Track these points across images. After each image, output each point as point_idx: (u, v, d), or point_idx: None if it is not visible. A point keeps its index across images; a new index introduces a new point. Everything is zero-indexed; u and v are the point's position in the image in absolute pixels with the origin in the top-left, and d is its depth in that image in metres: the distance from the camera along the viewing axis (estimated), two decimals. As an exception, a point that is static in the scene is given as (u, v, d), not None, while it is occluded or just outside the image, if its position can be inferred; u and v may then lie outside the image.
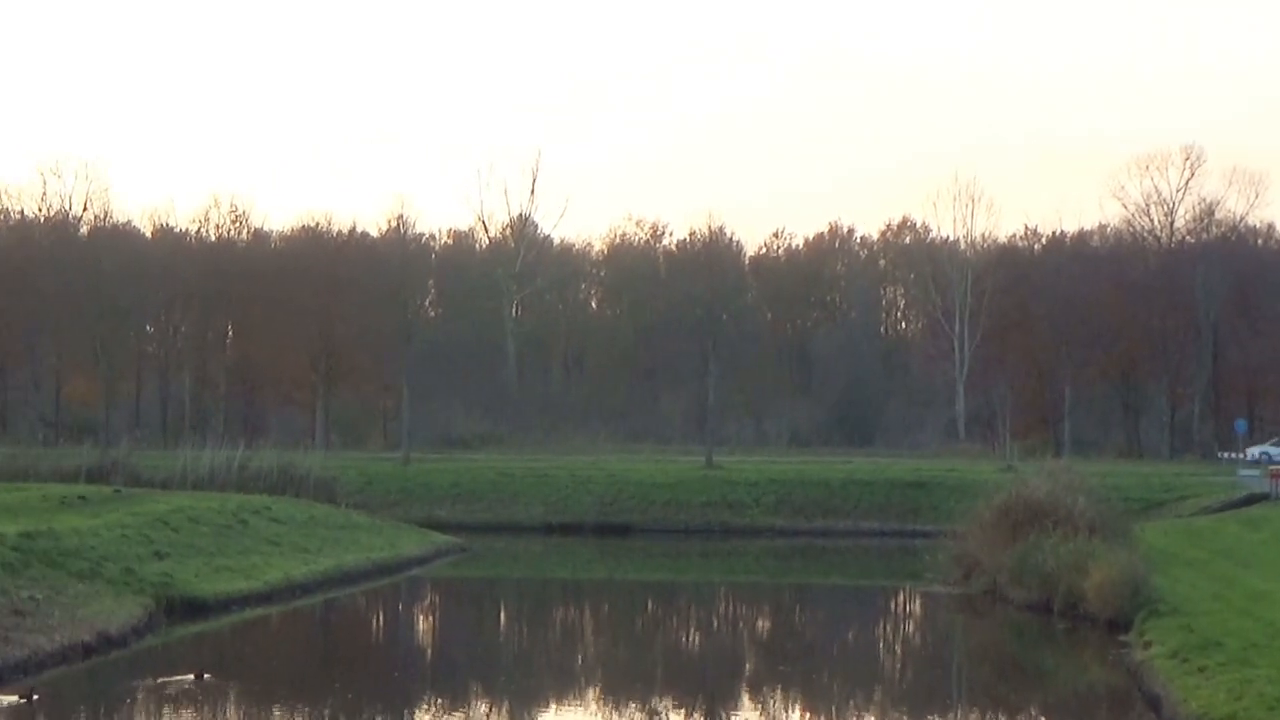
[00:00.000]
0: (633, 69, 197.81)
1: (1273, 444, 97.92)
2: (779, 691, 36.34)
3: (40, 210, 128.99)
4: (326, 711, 32.38)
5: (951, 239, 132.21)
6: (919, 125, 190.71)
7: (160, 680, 33.70)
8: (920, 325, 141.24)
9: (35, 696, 31.02)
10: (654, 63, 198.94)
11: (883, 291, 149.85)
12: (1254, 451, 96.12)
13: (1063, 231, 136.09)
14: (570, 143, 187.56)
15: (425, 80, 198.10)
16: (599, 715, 33.18)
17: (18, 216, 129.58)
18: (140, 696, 32.56)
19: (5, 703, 30.56)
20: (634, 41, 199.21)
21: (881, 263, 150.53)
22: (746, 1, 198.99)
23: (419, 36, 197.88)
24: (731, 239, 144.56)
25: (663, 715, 33.21)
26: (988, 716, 34.64)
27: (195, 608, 43.65)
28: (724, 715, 33.49)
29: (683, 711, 33.89)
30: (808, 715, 34.03)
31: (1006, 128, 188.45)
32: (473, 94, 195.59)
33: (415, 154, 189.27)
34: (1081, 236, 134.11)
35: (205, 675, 34.15)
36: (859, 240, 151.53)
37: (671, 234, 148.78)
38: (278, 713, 32.38)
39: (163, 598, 42.48)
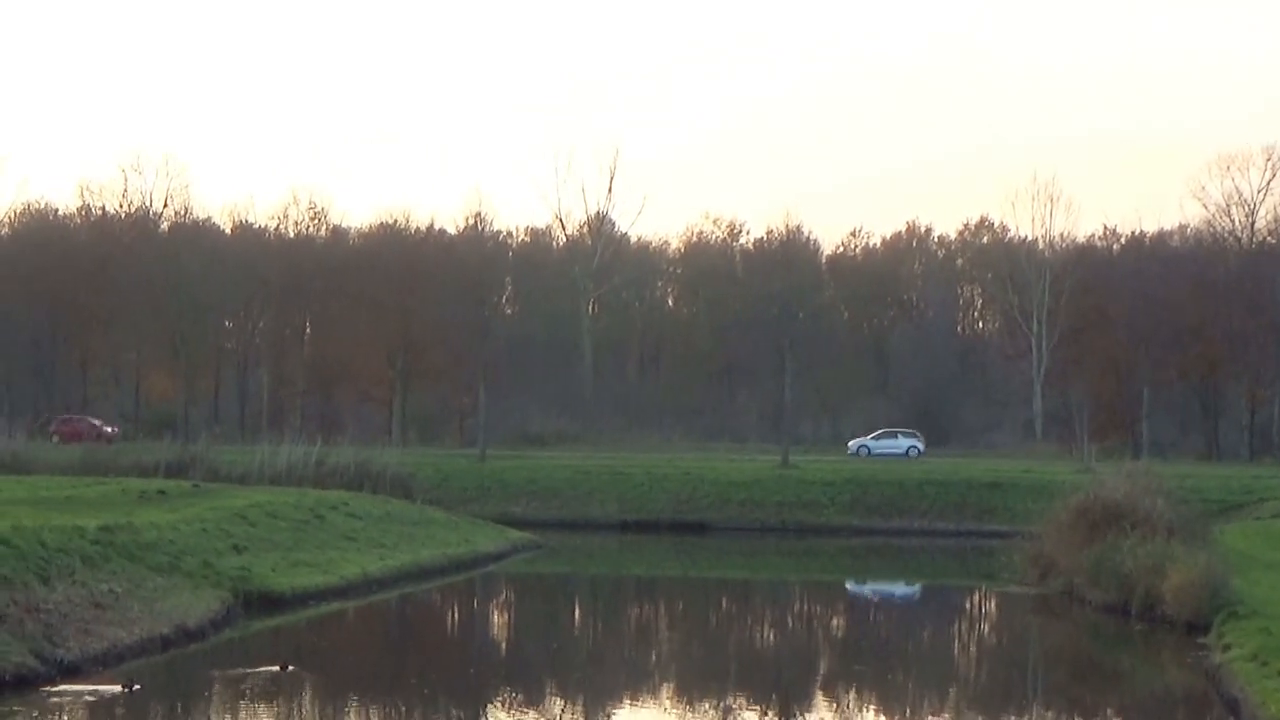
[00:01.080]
0: (709, 64, 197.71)
1: None
2: (853, 691, 36.28)
3: (121, 206, 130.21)
4: (404, 705, 32.51)
5: (1030, 239, 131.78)
6: (997, 124, 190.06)
7: (247, 671, 34.02)
8: (997, 325, 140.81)
9: (137, 687, 31.36)
10: (731, 58, 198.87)
11: (960, 291, 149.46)
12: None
13: (1142, 231, 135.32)
14: (649, 140, 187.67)
15: (503, 76, 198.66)
16: (673, 712, 33.17)
17: (99, 212, 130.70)
18: (231, 687, 32.81)
19: (108, 693, 30.94)
20: (711, 36, 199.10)
21: (959, 262, 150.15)
22: None
23: (497, 32, 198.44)
24: (809, 238, 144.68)
25: (737, 713, 33.19)
26: (1064, 718, 34.50)
27: (272, 602, 43.85)
28: (798, 713, 33.45)
29: (757, 709, 33.86)
30: (882, 715, 33.95)
31: (1086, 127, 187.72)
32: (551, 90, 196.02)
33: (493, 151, 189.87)
34: (1161, 237, 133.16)
35: (289, 667, 34.50)
36: (936, 239, 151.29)
37: (749, 232, 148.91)
38: (359, 705, 32.58)
39: (240, 592, 42.73)
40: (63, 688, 30.98)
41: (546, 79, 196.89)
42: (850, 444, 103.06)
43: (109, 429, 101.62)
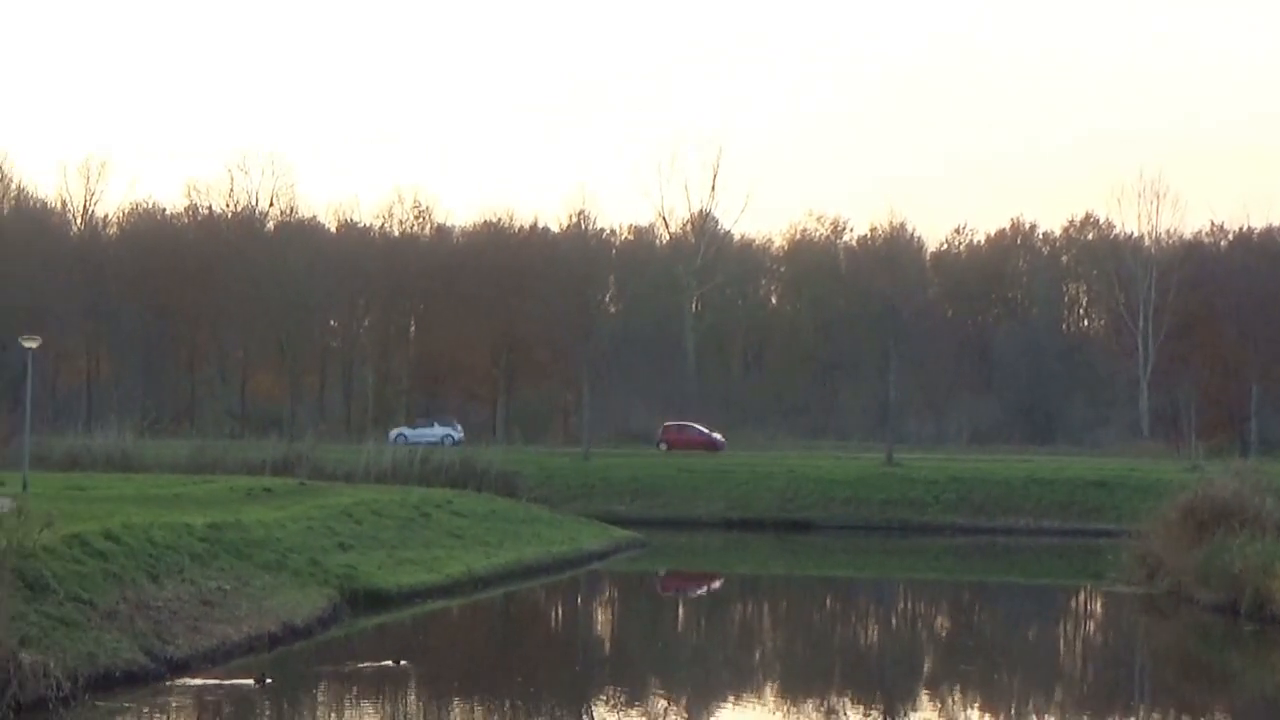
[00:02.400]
0: (814, 60, 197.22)
1: None
2: (958, 690, 36.10)
3: (228, 206, 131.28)
4: (510, 701, 32.66)
5: (1136, 235, 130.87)
6: (1103, 120, 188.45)
7: (360, 666, 34.35)
8: (1103, 323, 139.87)
9: (269, 680, 31.76)
10: (837, 53, 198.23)
11: (1065, 288, 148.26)
12: None
13: (1250, 227, 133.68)
14: (752, 138, 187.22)
15: (607, 74, 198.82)
16: (777, 711, 33.14)
17: (206, 212, 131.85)
18: (347, 682, 33.05)
19: (243, 687, 31.45)
20: (814, 31, 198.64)
21: (1064, 259, 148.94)
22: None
23: (599, 30, 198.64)
24: (912, 235, 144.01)
25: (840, 712, 33.11)
26: (1172, 718, 34.24)
27: (378, 599, 44.08)
28: (903, 712, 33.33)
29: (861, 708, 33.76)
30: (987, 715, 33.78)
31: (1193, 122, 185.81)
32: (655, 88, 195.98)
33: (596, 150, 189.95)
34: (1269, 233, 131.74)
35: (401, 662, 34.91)
36: (1041, 236, 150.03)
37: (852, 230, 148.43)
38: (465, 701, 32.74)
39: (346, 589, 42.98)
40: (196, 681, 31.39)
41: (649, 76, 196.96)
42: (390, 433, 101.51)
43: (717, 435, 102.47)
